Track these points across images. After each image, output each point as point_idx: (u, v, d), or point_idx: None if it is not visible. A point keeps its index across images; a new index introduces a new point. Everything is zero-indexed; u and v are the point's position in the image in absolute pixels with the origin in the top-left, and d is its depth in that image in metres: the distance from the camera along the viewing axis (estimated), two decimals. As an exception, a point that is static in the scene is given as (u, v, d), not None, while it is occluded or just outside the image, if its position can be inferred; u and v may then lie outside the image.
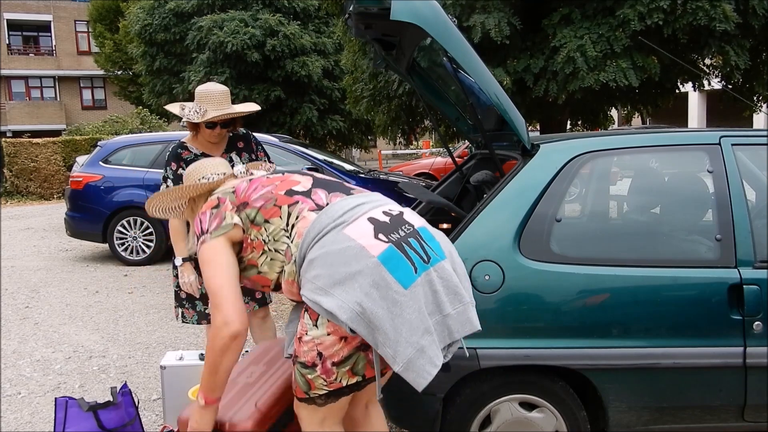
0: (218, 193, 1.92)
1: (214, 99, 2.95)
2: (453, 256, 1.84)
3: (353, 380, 1.76)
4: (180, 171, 3.00)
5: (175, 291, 3.14)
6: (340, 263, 1.67)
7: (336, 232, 1.72)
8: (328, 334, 1.70)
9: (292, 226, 1.78)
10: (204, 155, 3.04)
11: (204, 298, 3.09)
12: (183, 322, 3.15)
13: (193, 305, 3.10)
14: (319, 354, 1.72)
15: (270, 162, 2.98)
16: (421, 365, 1.66)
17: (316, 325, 1.71)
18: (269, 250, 1.80)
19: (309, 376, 1.75)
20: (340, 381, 1.74)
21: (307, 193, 1.85)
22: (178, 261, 2.98)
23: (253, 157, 3.14)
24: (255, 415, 1.88)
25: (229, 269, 1.79)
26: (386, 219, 1.77)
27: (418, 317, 1.65)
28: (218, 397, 1.80)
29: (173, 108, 3.05)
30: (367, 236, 1.70)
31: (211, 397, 1.79)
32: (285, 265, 1.79)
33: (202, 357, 3.01)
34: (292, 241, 1.78)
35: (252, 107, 3.01)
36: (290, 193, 1.85)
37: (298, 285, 1.77)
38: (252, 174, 2.05)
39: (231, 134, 3.10)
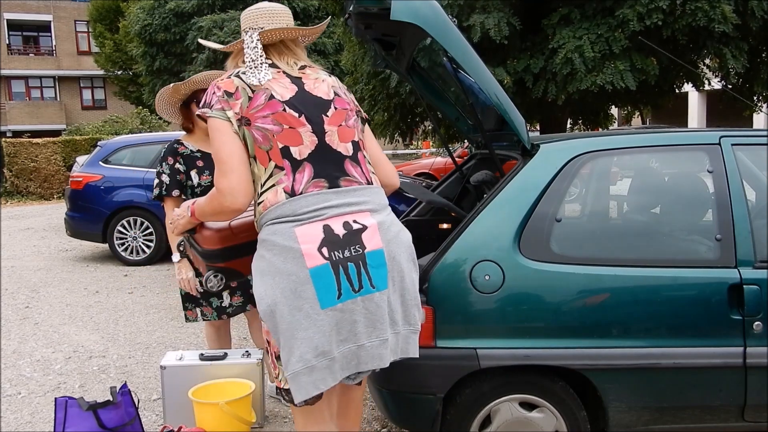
0: (240, 78, 1.80)
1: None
2: (404, 283, 1.81)
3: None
4: (177, 165, 2.99)
5: (186, 294, 3.09)
6: (279, 259, 1.70)
7: (289, 226, 1.73)
8: None
9: (266, 188, 1.79)
10: (200, 152, 3.06)
11: (215, 292, 3.06)
12: (204, 320, 3.13)
13: (209, 302, 3.09)
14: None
15: None
16: (305, 382, 1.69)
17: None
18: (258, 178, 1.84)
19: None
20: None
21: (295, 165, 1.78)
22: (175, 257, 2.97)
23: None
24: (225, 229, 1.99)
25: (239, 143, 1.77)
26: (341, 232, 1.74)
27: (319, 339, 1.68)
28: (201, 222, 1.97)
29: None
30: (312, 244, 1.71)
31: (198, 219, 1.94)
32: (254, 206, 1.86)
33: (202, 357, 3.01)
34: (258, 204, 1.81)
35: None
36: (285, 152, 1.78)
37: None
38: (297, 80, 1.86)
39: None
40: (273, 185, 1.77)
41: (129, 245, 7.30)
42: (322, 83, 1.90)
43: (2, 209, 13.52)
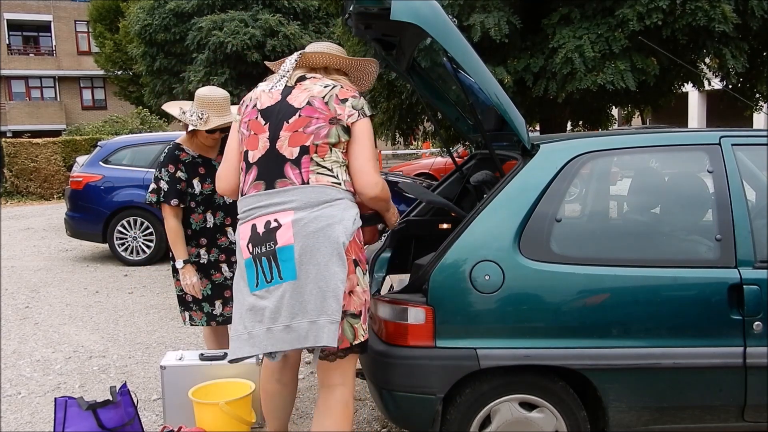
0: (258, 88, 2.24)
1: (216, 105, 2.94)
2: (321, 275, 1.97)
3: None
4: (178, 173, 2.97)
5: (179, 295, 3.12)
6: (237, 250, 2.15)
7: (238, 224, 2.13)
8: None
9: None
10: (201, 158, 3.04)
11: (209, 299, 3.10)
12: (192, 324, 3.14)
13: (201, 307, 3.10)
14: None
15: None
16: (233, 346, 2.08)
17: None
18: None
19: (355, 325, 2.09)
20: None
21: (248, 167, 2.14)
22: (179, 263, 2.97)
23: None
24: None
25: (234, 143, 2.22)
26: (261, 231, 2.03)
27: (243, 313, 2.05)
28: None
29: (172, 109, 3.03)
30: (244, 240, 2.08)
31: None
32: None
33: (202, 357, 3.01)
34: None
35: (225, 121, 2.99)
36: (245, 156, 2.16)
37: None
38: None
39: (224, 137, 3.06)
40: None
41: (129, 245, 7.30)
42: (303, 92, 2.14)
43: (2, 209, 13.52)
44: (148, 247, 7.30)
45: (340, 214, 2.04)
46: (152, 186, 2.98)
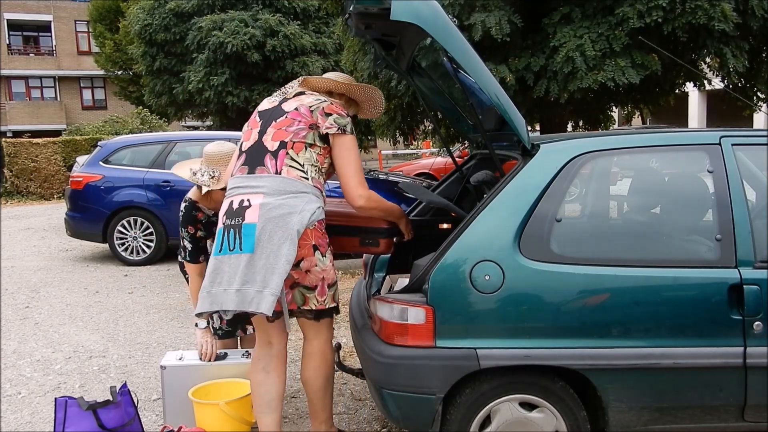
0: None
1: (225, 160, 2.91)
2: (272, 253, 2.28)
3: None
4: (199, 233, 3.00)
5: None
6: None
7: (225, 199, 2.47)
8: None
9: None
10: (216, 215, 2.90)
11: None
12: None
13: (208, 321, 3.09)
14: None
15: None
16: (199, 302, 2.38)
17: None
18: None
19: (307, 295, 2.48)
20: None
21: (240, 154, 2.53)
22: (202, 324, 2.98)
23: None
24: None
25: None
26: (235, 207, 2.38)
27: (207, 274, 2.38)
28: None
29: (182, 172, 3.02)
30: (222, 212, 2.42)
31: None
32: None
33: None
34: None
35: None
36: (240, 146, 2.56)
37: None
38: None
39: None
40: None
41: (129, 245, 7.30)
42: (295, 101, 2.53)
43: (2, 209, 13.52)
44: (148, 247, 7.30)
45: (302, 205, 2.36)
46: (181, 243, 3.05)
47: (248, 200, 2.35)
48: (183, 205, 3.04)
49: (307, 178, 2.42)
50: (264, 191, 2.35)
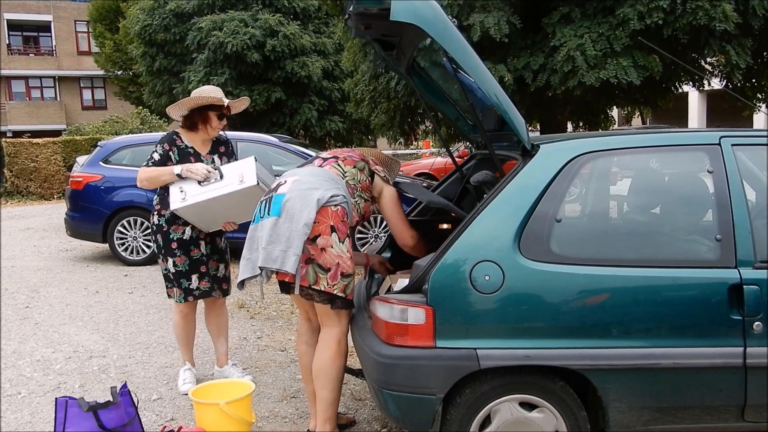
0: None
1: (220, 93, 3.42)
2: (294, 218, 2.52)
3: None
4: (170, 153, 3.35)
5: (164, 274, 3.48)
6: None
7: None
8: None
9: None
10: (193, 149, 3.40)
11: (186, 274, 3.43)
12: (169, 297, 3.50)
13: (179, 283, 3.42)
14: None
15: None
16: (240, 271, 2.63)
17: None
18: None
19: (320, 275, 2.60)
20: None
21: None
22: (177, 169, 3.25)
23: (232, 160, 3.51)
24: None
25: None
26: (275, 184, 2.72)
27: (245, 246, 2.65)
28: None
29: (214, 93, 3.40)
30: (266, 191, 2.78)
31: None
32: None
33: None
34: None
35: (245, 101, 3.62)
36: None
37: None
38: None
39: (214, 139, 3.49)
40: None
41: (129, 245, 7.30)
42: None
43: (2, 209, 13.52)
44: (148, 247, 7.30)
45: (326, 186, 2.62)
46: (150, 155, 3.37)
47: (285, 180, 2.69)
48: (165, 133, 3.48)
49: (344, 180, 2.74)
50: (299, 176, 2.68)
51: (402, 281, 2.68)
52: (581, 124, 9.24)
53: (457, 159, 3.65)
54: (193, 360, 3.67)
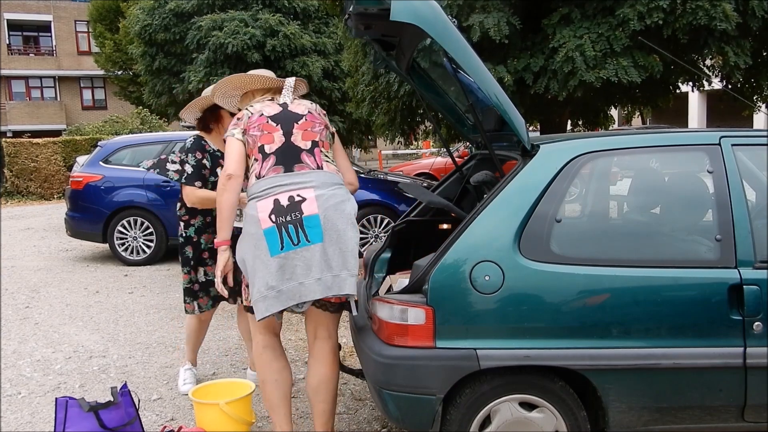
0: (247, 109, 2.65)
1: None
2: (341, 239, 2.41)
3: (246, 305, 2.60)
4: (204, 161, 3.22)
5: (187, 287, 3.36)
6: (248, 224, 2.47)
7: (254, 201, 2.48)
8: None
9: (247, 175, 2.60)
10: (220, 152, 3.27)
11: (206, 285, 3.33)
12: (200, 312, 3.38)
13: (207, 292, 3.34)
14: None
15: None
16: (260, 306, 2.41)
17: None
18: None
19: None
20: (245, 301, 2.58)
21: (265, 157, 2.54)
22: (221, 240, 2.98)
23: None
24: None
25: (239, 147, 2.58)
26: (285, 203, 2.43)
27: (269, 277, 2.39)
28: (226, 238, 2.55)
29: (221, 100, 3.08)
30: (265, 213, 2.43)
31: (222, 239, 2.55)
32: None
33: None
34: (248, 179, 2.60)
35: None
36: (260, 150, 2.55)
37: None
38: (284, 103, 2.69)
39: None
40: (251, 171, 2.57)
41: (129, 245, 7.30)
42: (299, 106, 2.68)
43: (2, 209, 13.52)
44: (148, 247, 7.30)
45: (347, 194, 2.54)
46: (176, 167, 3.18)
47: (298, 195, 2.44)
48: (191, 138, 3.31)
49: (339, 172, 2.64)
50: (313, 185, 2.47)
51: (402, 281, 2.68)
52: (581, 123, 9.24)
53: (457, 159, 3.65)
54: (195, 360, 3.67)
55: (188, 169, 3.17)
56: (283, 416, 2.63)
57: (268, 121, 2.59)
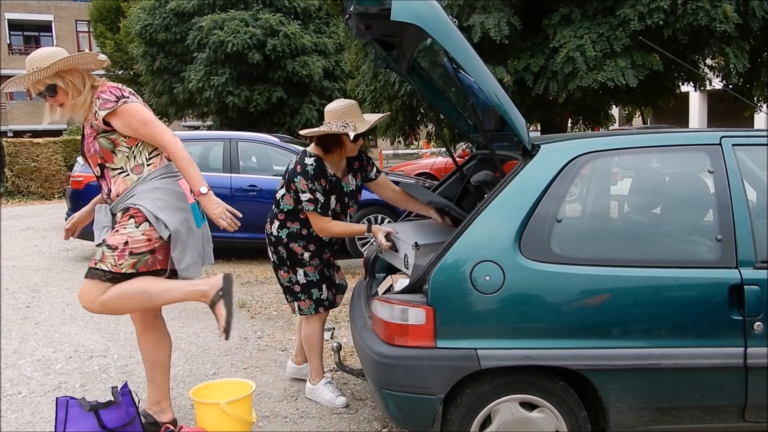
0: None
1: (353, 112, 3.02)
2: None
3: (130, 271, 2.67)
4: (327, 186, 3.02)
5: (287, 286, 3.19)
6: (174, 199, 2.70)
7: (175, 179, 2.75)
8: (142, 234, 2.65)
9: (153, 155, 2.75)
10: (335, 177, 3.08)
11: (317, 283, 3.15)
12: (300, 314, 3.22)
13: (309, 295, 3.15)
14: (126, 243, 2.65)
15: (378, 171, 3.29)
16: (194, 270, 2.77)
17: (137, 227, 2.65)
18: (132, 154, 2.74)
19: (107, 254, 2.70)
20: (122, 268, 2.66)
21: None
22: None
23: (367, 174, 3.26)
24: None
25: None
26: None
27: (198, 244, 2.77)
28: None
29: (332, 126, 2.99)
30: (187, 190, 2.73)
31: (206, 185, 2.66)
32: (130, 171, 2.74)
33: None
34: (147, 165, 2.73)
35: (382, 115, 3.36)
36: None
37: (125, 191, 2.74)
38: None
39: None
40: (158, 153, 2.76)
41: (130, 245, 7.29)
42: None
43: (3, 209, 13.52)
44: (149, 246, 7.30)
45: None
46: (309, 196, 2.98)
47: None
48: (309, 161, 3.01)
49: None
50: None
51: (402, 281, 2.68)
52: (581, 122, 9.25)
53: (457, 159, 3.65)
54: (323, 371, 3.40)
55: (320, 198, 2.98)
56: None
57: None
